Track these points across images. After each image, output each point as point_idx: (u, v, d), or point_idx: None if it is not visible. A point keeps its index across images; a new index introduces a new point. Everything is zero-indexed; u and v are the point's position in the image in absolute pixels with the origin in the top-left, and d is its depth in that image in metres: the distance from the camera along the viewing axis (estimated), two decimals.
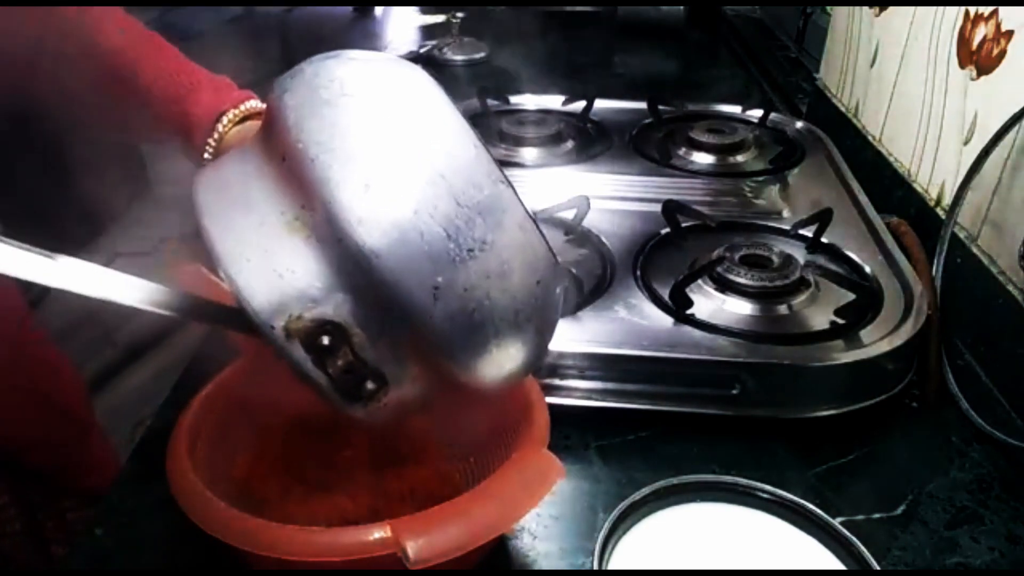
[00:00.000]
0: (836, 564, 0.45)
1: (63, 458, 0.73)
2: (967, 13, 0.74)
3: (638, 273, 0.72)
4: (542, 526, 0.53)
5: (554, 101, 1.13)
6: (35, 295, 0.84)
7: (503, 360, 0.40)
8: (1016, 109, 0.63)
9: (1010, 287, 0.64)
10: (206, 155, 0.57)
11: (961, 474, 0.58)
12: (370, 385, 0.39)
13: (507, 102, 1.13)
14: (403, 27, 1.80)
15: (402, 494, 0.51)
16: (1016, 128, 0.64)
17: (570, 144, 1.01)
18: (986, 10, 0.71)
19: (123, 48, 0.58)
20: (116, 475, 0.57)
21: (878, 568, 0.44)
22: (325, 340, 0.37)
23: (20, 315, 0.72)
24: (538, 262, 0.39)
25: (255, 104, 0.59)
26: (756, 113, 1.09)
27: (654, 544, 0.46)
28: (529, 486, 0.43)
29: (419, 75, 0.40)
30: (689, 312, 0.66)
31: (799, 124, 1.06)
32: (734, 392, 0.60)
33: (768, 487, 0.49)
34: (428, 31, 1.70)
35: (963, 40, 0.75)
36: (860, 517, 0.54)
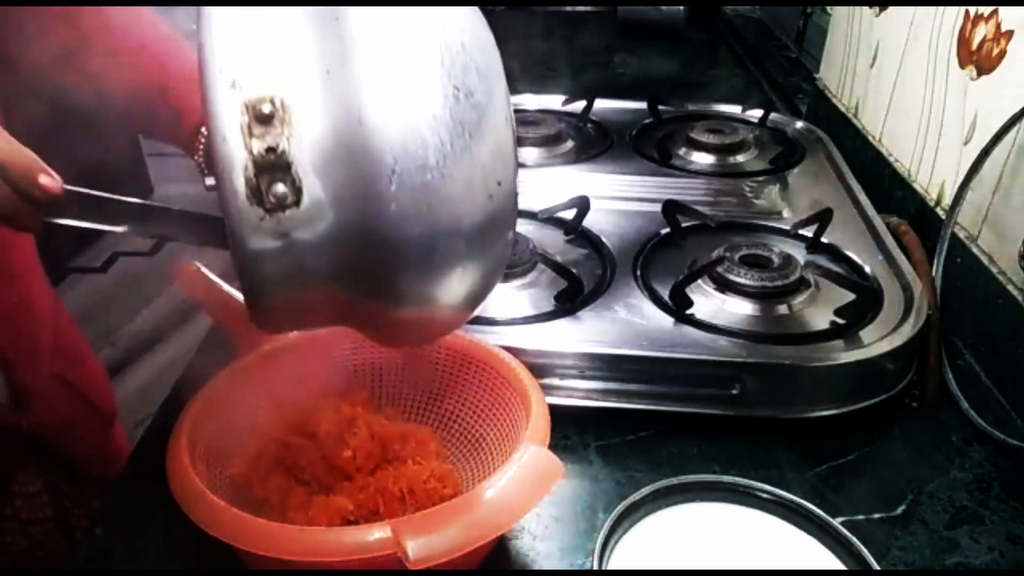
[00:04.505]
0: (836, 564, 0.45)
1: (90, 446, 0.73)
2: (967, 13, 0.74)
3: (638, 273, 0.72)
4: (542, 526, 0.53)
5: (554, 101, 1.13)
6: None
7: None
8: (1016, 109, 0.63)
9: (1010, 287, 0.64)
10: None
11: (961, 474, 0.58)
12: (280, 189, 0.33)
13: None
14: None
15: (402, 494, 0.51)
16: (1016, 128, 0.64)
17: (570, 144, 1.01)
18: (986, 10, 0.71)
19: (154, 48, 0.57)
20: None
21: (878, 568, 0.44)
22: (267, 108, 0.32)
23: (54, 301, 0.71)
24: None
25: None
26: (756, 113, 1.09)
27: (654, 544, 0.46)
28: (529, 486, 0.43)
29: None
30: (689, 312, 0.66)
31: (799, 124, 1.06)
32: (734, 392, 0.60)
33: (768, 487, 0.49)
34: None
35: (963, 40, 0.75)
36: (860, 517, 0.54)
